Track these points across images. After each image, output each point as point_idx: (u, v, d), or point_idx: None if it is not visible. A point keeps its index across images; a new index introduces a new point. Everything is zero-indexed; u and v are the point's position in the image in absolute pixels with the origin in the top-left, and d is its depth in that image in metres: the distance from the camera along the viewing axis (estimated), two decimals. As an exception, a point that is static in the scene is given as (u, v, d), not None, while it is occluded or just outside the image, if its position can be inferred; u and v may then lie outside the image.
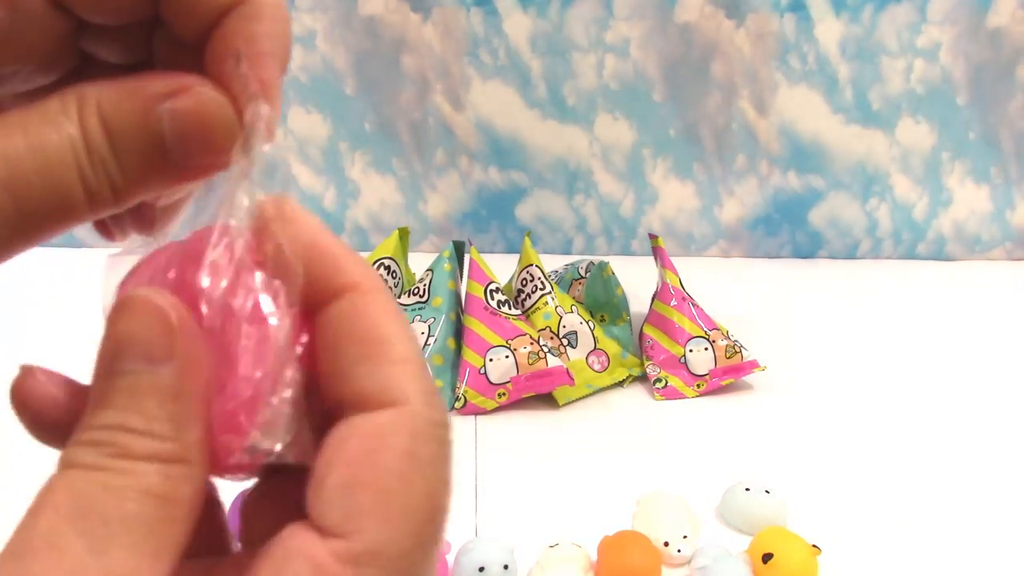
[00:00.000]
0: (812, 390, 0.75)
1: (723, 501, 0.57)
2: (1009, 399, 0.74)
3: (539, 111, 1.03)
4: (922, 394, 0.75)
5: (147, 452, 0.16)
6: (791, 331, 0.87)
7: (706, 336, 0.74)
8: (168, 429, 0.16)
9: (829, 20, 0.99)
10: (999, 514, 0.58)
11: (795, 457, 0.65)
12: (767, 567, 0.50)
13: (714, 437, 0.68)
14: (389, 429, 0.17)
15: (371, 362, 0.17)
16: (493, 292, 0.73)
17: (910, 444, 0.67)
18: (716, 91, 1.02)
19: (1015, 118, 1.04)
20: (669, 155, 1.06)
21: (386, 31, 0.99)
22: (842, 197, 1.08)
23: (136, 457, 0.16)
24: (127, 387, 0.16)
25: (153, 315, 0.16)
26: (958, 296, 0.99)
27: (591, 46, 1.00)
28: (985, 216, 1.09)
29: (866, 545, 0.55)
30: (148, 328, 0.16)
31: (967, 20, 0.99)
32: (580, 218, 1.09)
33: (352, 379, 0.17)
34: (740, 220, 1.09)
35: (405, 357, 0.17)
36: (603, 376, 0.74)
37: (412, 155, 1.06)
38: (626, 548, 0.51)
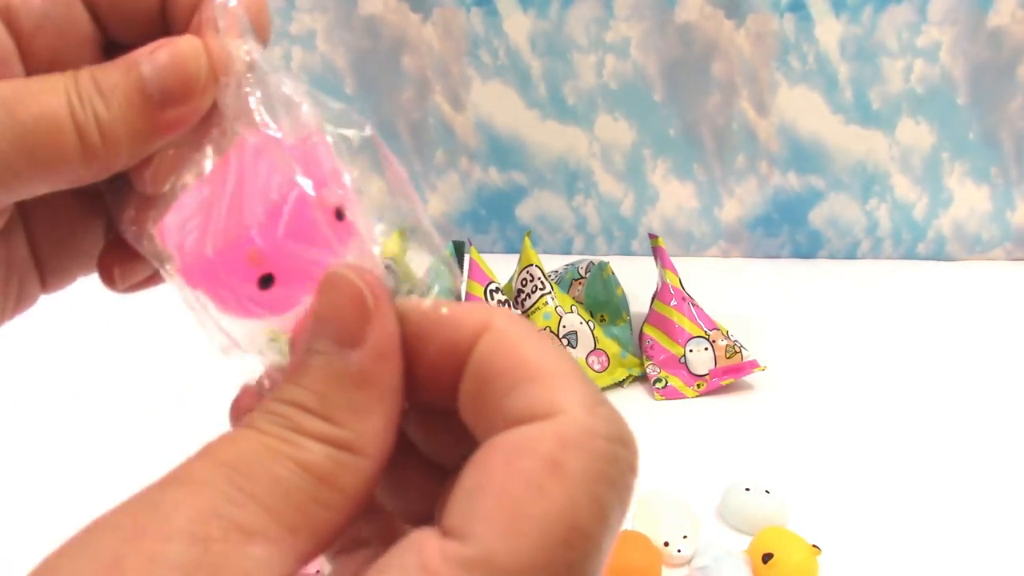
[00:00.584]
0: (812, 390, 0.75)
1: (723, 501, 0.57)
2: (1009, 399, 0.74)
3: (539, 111, 1.03)
4: (922, 394, 0.75)
5: (317, 432, 0.15)
6: (791, 331, 0.87)
7: (706, 336, 0.74)
8: (344, 415, 0.16)
9: (829, 20, 0.99)
10: (999, 514, 0.58)
11: (795, 457, 0.65)
12: (767, 567, 0.50)
13: (714, 437, 0.68)
14: (535, 435, 0.15)
15: (520, 386, 0.15)
16: (493, 292, 0.73)
17: (910, 444, 0.67)
18: (716, 91, 1.02)
19: (1015, 118, 1.04)
20: (669, 155, 1.06)
21: (386, 31, 0.99)
22: (842, 197, 1.08)
23: (305, 434, 0.15)
24: (315, 367, 0.16)
25: (349, 296, 0.16)
26: (958, 296, 0.99)
27: (591, 46, 1.00)
28: (985, 216, 1.09)
29: (866, 545, 0.55)
30: (342, 310, 0.16)
31: (967, 20, 0.99)
32: (580, 218, 1.09)
33: (503, 411, 0.15)
34: (740, 220, 1.09)
35: (559, 371, 0.16)
36: (603, 376, 0.74)
37: (412, 155, 1.06)
38: (626, 548, 0.51)
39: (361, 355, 0.16)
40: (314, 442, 0.15)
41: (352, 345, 0.16)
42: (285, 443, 0.15)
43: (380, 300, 0.16)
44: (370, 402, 0.16)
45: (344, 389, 0.16)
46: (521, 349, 0.16)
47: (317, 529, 0.15)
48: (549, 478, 0.14)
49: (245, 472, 0.15)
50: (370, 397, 0.16)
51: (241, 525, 0.14)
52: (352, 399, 0.16)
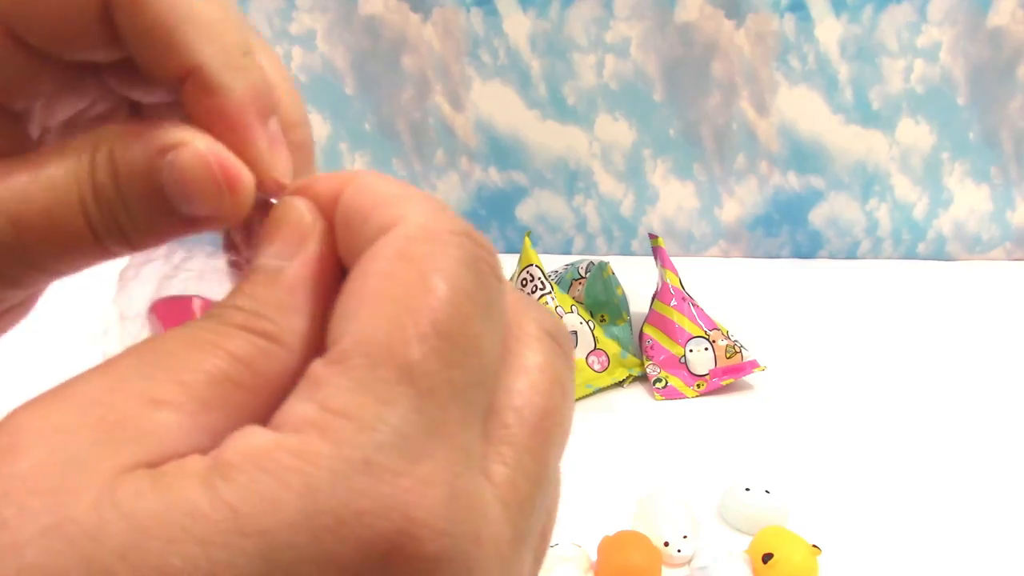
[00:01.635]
0: (812, 390, 0.75)
1: (723, 501, 0.57)
2: (1009, 399, 0.74)
3: (539, 111, 1.03)
4: (922, 394, 0.75)
5: (242, 322, 0.16)
6: (791, 331, 0.87)
7: (706, 336, 0.74)
8: (270, 311, 0.16)
9: (829, 20, 0.99)
10: (999, 514, 0.58)
11: (795, 457, 0.65)
12: (767, 567, 0.50)
13: (714, 437, 0.68)
14: (381, 243, 0.16)
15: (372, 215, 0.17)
16: (493, 292, 0.73)
17: (910, 444, 0.67)
18: (716, 91, 1.02)
19: (1015, 118, 1.04)
20: (669, 155, 1.06)
21: (386, 31, 0.99)
22: (842, 197, 1.08)
23: (230, 324, 0.16)
24: (254, 276, 0.17)
25: (292, 218, 0.17)
26: (958, 296, 0.99)
27: (591, 46, 1.00)
28: (985, 216, 1.09)
29: (866, 545, 0.55)
30: (285, 229, 0.17)
31: (967, 20, 0.99)
32: (580, 218, 1.09)
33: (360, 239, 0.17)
34: (740, 220, 1.09)
35: (403, 194, 0.17)
36: (603, 376, 0.74)
37: (412, 155, 1.06)
38: (626, 548, 0.51)
39: (293, 263, 0.17)
40: (237, 329, 0.16)
41: (290, 256, 0.17)
42: (209, 332, 0.16)
43: (315, 217, 0.17)
44: (296, 303, 0.17)
45: (274, 291, 0.17)
46: (372, 186, 0.17)
47: (232, 407, 0.15)
48: (397, 266, 0.15)
49: (164, 354, 0.15)
50: (296, 298, 0.17)
51: (149, 394, 0.14)
52: (280, 299, 0.16)
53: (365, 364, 0.14)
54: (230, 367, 0.15)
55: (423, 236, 0.16)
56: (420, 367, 0.14)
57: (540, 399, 0.17)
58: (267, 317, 0.16)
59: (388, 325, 0.15)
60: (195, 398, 0.15)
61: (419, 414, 0.14)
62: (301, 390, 0.15)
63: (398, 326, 0.14)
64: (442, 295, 0.15)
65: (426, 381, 0.14)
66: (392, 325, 0.15)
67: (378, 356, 0.14)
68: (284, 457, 0.13)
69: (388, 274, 0.15)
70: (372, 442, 0.14)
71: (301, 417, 0.14)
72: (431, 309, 0.15)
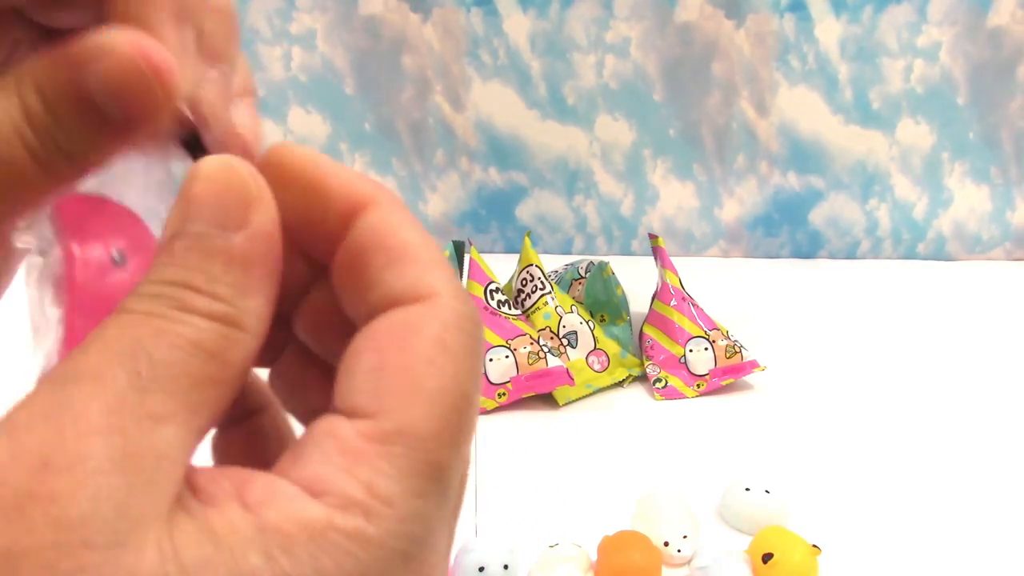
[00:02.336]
0: (812, 390, 0.75)
1: (723, 501, 0.57)
2: (1009, 399, 0.74)
3: (539, 111, 1.03)
4: (922, 394, 0.75)
5: (206, 309, 0.16)
6: (791, 331, 0.87)
7: (706, 336, 0.74)
8: (230, 293, 0.16)
9: (829, 20, 0.99)
10: (999, 514, 0.58)
11: (795, 457, 0.65)
12: (767, 567, 0.50)
13: (714, 437, 0.68)
14: (420, 318, 0.17)
15: (399, 264, 0.17)
16: (493, 292, 0.73)
17: (910, 444, 0.67)
18: (716, 91, 1.02)
19: (1015, 118, 1.04)
20: (669, 155, 1.06)
21: (386, 31, 0.99)
22: (842, 197, 1.08)
23: (194, 312, 0.16)
24: (196, 248, 0.16)
25: (233, 181, 0.17)
26: (958, 296, 0.99)
27: (591, 46, 1.00)
28: (985, 216, 1.09)
29: (866, 545, 0.55)
30: (225, 193, 0.17)
31: (967, 20, 0.99)
32: (580, 218, 1.09)
33: (381, 284, 0.17)
34: (740, 220, 1.09)
35: (432, 258, 0.17)
36: (603, 376, 0.74)
37: (412, 155, 1.06)
38: (626, 548, 0.51)
39: (244, 237, 0.16)
40: (203, 319, 0.16)
41: (236, 228, 0.16)
42: (176, 323, 0.16)
43: (262, 186, 0.17)
44: (253, 282, 0.17)
45: (229, 269, 0.16)
46: (401, 229, 0.18)
47: (211, 405, 0.16)
48: (439, 355, 0.16)
49: (143, 357, 0.15)
50: (252, 277, 0.17)
51: (150, 411, 0.15)
52: (237, 278, 0.16)
53: (408, 455, 0.15)
54: (207, 365, 0.16)
55: (456, 325, 0.17)
56: (448, 467, 0.16)
57: None
58: (228, 300, 0.16)
59: (431, 423, 0.16)
60: (184, 406, 0.15)
61: (439, 509, 0.16)
62: (335, 455, 0.15)
63: (439, 427, 0.16)
64: (470, 398, 0.17)
65: (447, 478, 0.16)
66: (436, 424, 0.16)
67: (420, 451, 0.15)
68: (339, 539, 0.15)
69: (431, 362, 0.16)
70: (408, 534, 0.15)
71: (346, 495, 0.15)
72: (461, 413, 0.16)
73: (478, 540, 0.51)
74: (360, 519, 0.15)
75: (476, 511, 0.56)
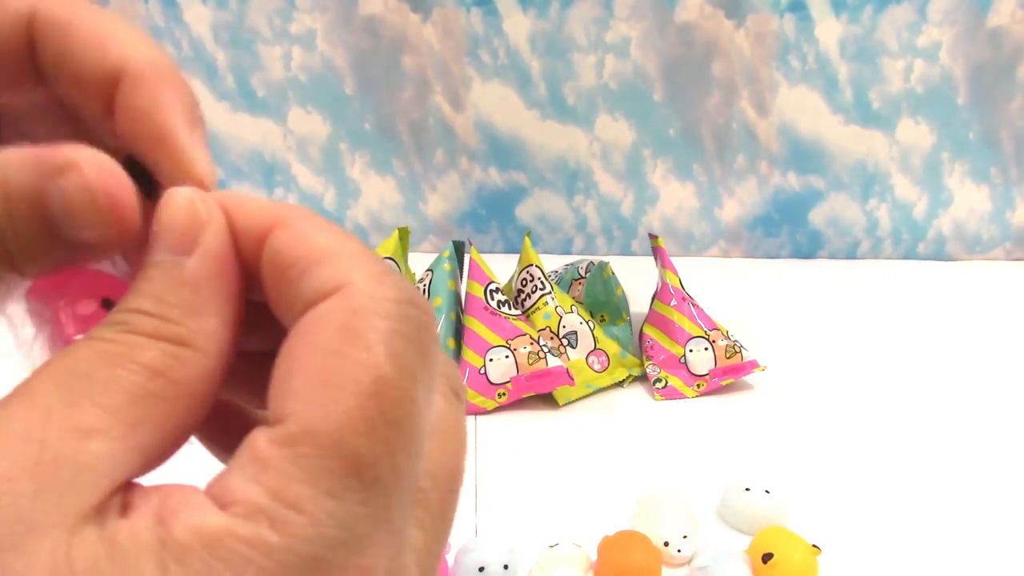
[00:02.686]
0: (812, 390, 0.75)
1: (723, 501, 0.57)
2: (1009, 399, 0.74)
3: (539, 111, 1.03)
4: (922, 394, 0.75)
5: (153, 330, 0.16)
6: (791, 331, 0.87)
7: (706, 336, 0.74)
8: (178, 314, 0.16)
9: (829, 20, 0.99)
10: (999, 514, 0.58)
11: (795, 457, 0.65)
12: (767, 567, 0.50)
13: (714, 437, 0.68)
14: (325, 311, 0.16)
15: (312, 270, 0.16)
16: (493, 292, 0.73)
17: (910, 444, 0.67)
18: (716, 91, 1.02)
19: (1015, 118, 1.04)
20: (669, 155, 1.06)
21: (386, 31, 0.99)
22: (842, 197, 1.08)
23: (140, 333, 0.16)
24: (152, 275, 0.17)
25: (183, 208, 0.17)
26: (958, 296, 0.99)
27: (591, 46, 1.00)
28: (985, 216, 1.09)
29: (866, 545, 0.55)
30: (177, 220, 0.17)
31: (967, 20, 0.99)
32: (580, 218, 1.09)
33: (299, 297, 0.16)
34: (740, 220, 1.09)
35: (346, 253, 0.16)
36: (603, 376, 0.74)
37: (412, 155, 1.06)
38: (626, 548, 0.51)
39: (195, 260, 0.17)
40: (149, 340, 0.16)
41: (187, 252, 0.17)
42: (121, 345, 0.16)
43: (212, 210, 0.17)
44: (204, 303, 0.16)
45: (179, 292, 0.16)
46: (309, 236, 0.17)
47: (158, 422, 0.15)
48: (343, 344, 0.15)
49: (82, 377, 0.15)
50: (203, 298, 0.16)
51: (78, 425, 0.14)
52: (187, 300, 0.16)
53: (315, 454, 0.14)
54: (148, 382, 0.15)
55: (369, 308, 0.15)
56: (368, 459, 0.15)
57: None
58: (175, 320, 0.16)
59: (338, 415, 0.15)
60: (121, 421, 0.15)
61: (364, 506, 0.15)
62: (247, 465, 0.15)
63: (348, 418, 0.15)
64: (391, 381, 0.15)
65: (372, 472, 0.15)
66: (343, 416, 0.15)
67: (328, 447, 0.14)
68: (238, 546, 0.14)
69: (335, 352, 0.15)
70: (321, 537, 0.14)
71: (251, 502, 0.14)
72: (380, 397, 0.15)
73: (478, 540, 0.51)
74: (263, 526, 0.14)
75: (476, 511, 0.56)
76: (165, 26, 0.99)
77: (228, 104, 1.02)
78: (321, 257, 0.16)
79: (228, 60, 1.00)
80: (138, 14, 0.98)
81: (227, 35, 0.99)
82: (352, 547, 0.14)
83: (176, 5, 0.98)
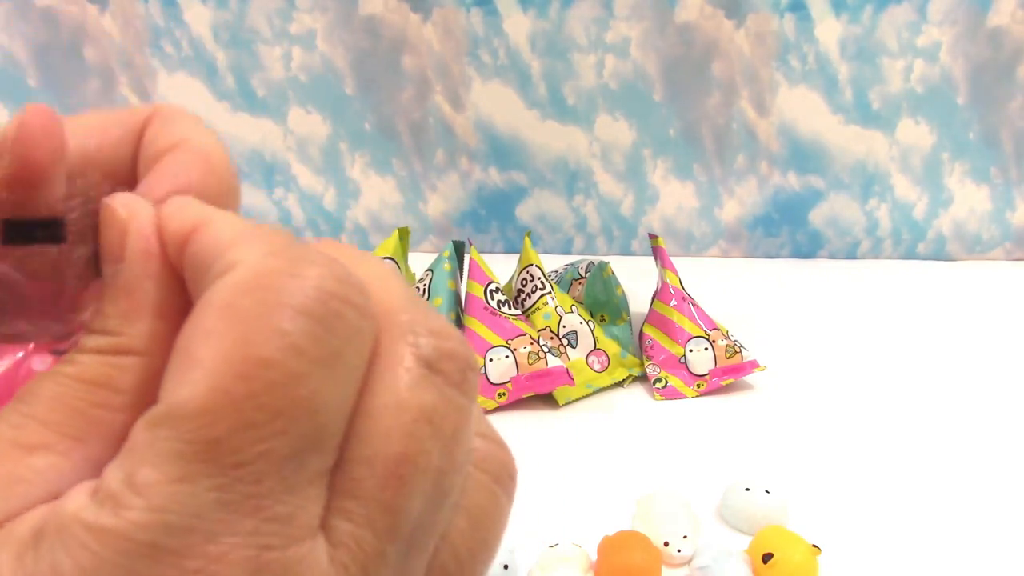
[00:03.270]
0: (812, 390, 0.75)
1: (723, 501, 0.57)
2: (1009, 399, 0.74)
3: (539, 111, 1.03)
4: (922, 394, 0.75)
5: (92, 345, 0.16)
6: (791, 331, 0.87)
7: (706, 336, 0.74)
8: (116, 324, 0.16)
9: (829, 20, 0.99)
10: (999, 514, 0.58)
11: (795, 457, 0.65)
12: (767, 567, 0.50)
13: (714, 437, 0.68)
14: (211, 292, 0.15)
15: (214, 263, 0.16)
16: (493, 292, 0.73)
17: (910, 444, 0.67)
18: (716, 91, 1.02)
19: (1015, 118, 1.04)
20: (669, 155, 1.06)
21: (386, 31, 0.99)
22: (842, 197, 1.08)
23: (84, 351, 0.16)
24: (99, 289, 0.17)
25: (111, 218, 0.17)
26: (958, 296, 0.99)
27: (591, 46, 1.00)
28: (985, 216, 1.09)
29: (866, 545, 0.55)
30: (108, 231, 0.17)
31: (967, 20, 0.99)
32: (580, 218, 1.09)
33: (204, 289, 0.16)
34: (740, 220, 1.09)
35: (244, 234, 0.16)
36: (603, 376, 0.74)
37: (412, 155, 1.06)
38: (626, 548, 0.51)
39: (124, 264, 0.17)
40: (88, 355, 0.16)
41: (119, 259, 0.17)
42: (68, 364, 0.16)
43: (133, 215, 0.17)
44: (136, 305, 0.16)
45: (114, 301, 0.17)
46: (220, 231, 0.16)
47: (105, 432, 0.16)
48: (219, 321, 0.14)
49: (26, 399, 0.16)
50: (135, 302, 0.16)
51: (21, 442, 0.15)
52: (123, 307, 0.16)
53: (171, 437, 0.14)
54: (90, 395, 0.16)
55: (253, 284, 0.14)
56: (227, 443, 0.14)
57: (395, 445, 0.15)
58: (115, 331, 0.16)
59: (199, 394, 0.14)
60: (66, 436, 0.15)
61: (219, 491, 0.14)
62: (122, 451, 0.15)
63: (209, 396, 0.14)
64: (265, 356, 0.14)
65: (233, 456, 0.14)
66: (203, 395, 0.14)
67: (184, 430, 0.14)
68: (79, 532, 0.13)
69: (208, 331, 0.14)
70: (159, 523, 0.13)
71: (108, 487, 0.14)
72: (248, 377, 0.14)
73: (478, 540, 0.51)
74: (106, 511, 0.13)
75: (476, 511, 0.56)
76: (165, 26, 0.99)
77: (228, 104, 1.02)
78: (223, 246, 0.16)
79: (228, 60, 1.00)
80: (138, 14, 0.98)
81: (227, 35, 0.99)
82: (199, 533, 0.13)
83: (176, 5, 0.98)
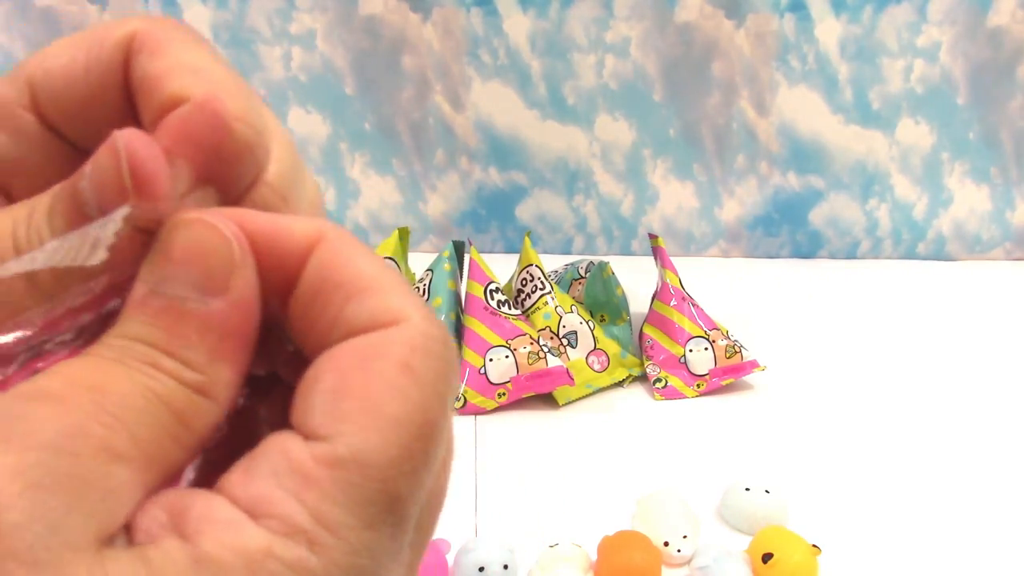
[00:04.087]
0: (812, 390, 0.75)
1: (723, 501, 0.57)
2: (1009, 399, 0.74)
3: (539, 111, 1.03)
4: (922, 394, 0.75)
5: (176, 373, 0.15)
6: (791, 331, 0.87)
7: (706, 336, 0.74)
8: (202, 361, 0.16)
9: (829, 20, 0.99)
10: (999, 514, 0.58)
11: (795, 457, 0.65)
12: (767, 567, 0.50)
13: (714, 437, 0.68)
14: (386, 340, 0.16)
15: (361, 296, 0.16)
16: (493, 292, 0.73)
17: (910, 444, 0.67)
18: (716, 91, 1.02)
19: (1015, 118, 1.04)
20: (669, 155, 1.06)
21: (386, 31, 0.99)
22: (842, 197, 1.08)
23: (165, 372, 0.15)
24: (172, 309, 0.16)
25: (215, 243, 0.16)
26: (958, 296, 0.99)
27: (591, 46, 1.00)
28: (985, 216, 1.09)
29: (866, 545, 0.55)
30: (207, 257, 0.16)
31: (967, 20, 0.99)
32: (580, 218, 1.09)
33: (344, 320, 0.16)
34: (740, 220, 1.09)
35: (395, 283, 0.16)
36: (603, 376, 0.74)
37: (412, 155, 1.06)
38: (626, 548, 0.51)
39: (223, 304, 0.16)
40: (173, 381, 0.15)
41: (215, 294, 0.16)
42: (147, 377, 0.15)
43: (245, 250, 0.16)
44: (226, 351, 0.16)
45: (204, 337, 0.16)
46: (356, 261, 0.17)
47: (166, 465, 0.15)
48: (403, 379, 0.15)
49: (111, 397, 0.15)
50: (226, 346, 0.16)
51: (109, 446, 0.14)
52: (211, 346, 0.16)
53: (361, 484, 0.15)
54: (173, 424, 0.15)
55: (424, 348, 0.16)
56: (405, 498, 0.15)
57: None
58: (198, 368, 0.16)
59: (390, 452, 0.15)
60: (144, 453, 0.15)
61: (392, 541, 0.15)
62: (285, 476, 0.15)
63: (399, 456, 0.15)
64: (436, 424, 0.16)
65: (404, 511, 0.15)
66: (394, 453, 0.15)
67: (376, 480, 0.15)
68: (279, 568, 0.14)
69: (394, 386, 0.15)
70: (356, 567, 0.15)
71: (292, 521, 0.14)
72: (425, 440, 0.15)
73: (478, 540, 0.51)
74: (303, 548, 0.14)
75: (476, 511, 0.57)
76: (165, 26, 0.99)
77: (228, 104, 1.02)
78: (373, 286, 0.16)
79: (228, 60, 1.00)
80: (138, 14, 0.98)
81: (227, 35, 0.99)
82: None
83: (176, 5, 0.98)
